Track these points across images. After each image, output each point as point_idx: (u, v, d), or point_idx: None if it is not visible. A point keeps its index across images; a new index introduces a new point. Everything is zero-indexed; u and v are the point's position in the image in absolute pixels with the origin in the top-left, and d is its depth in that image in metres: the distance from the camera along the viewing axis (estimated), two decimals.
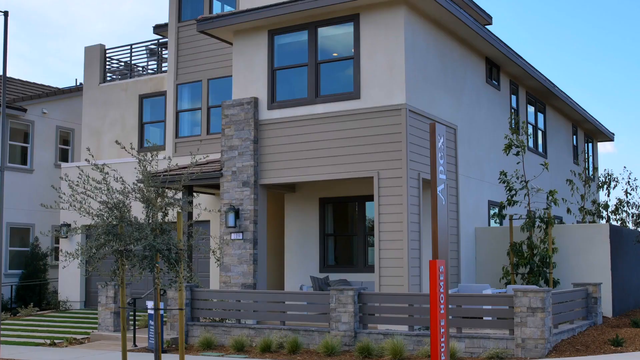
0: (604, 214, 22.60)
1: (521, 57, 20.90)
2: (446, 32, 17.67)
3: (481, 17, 26.15)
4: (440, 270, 9.19)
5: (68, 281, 23.16)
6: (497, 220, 19.77)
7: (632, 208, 22.79)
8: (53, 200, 15.23)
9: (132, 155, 12.36)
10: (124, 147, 12.53)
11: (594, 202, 22.56)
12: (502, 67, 21.05)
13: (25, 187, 26.18)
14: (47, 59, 70.73)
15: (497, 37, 19.15)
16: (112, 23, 71.78)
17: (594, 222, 21.83)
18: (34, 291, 24.65)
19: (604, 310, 16.94)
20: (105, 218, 12.13)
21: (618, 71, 65.82)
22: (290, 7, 16.47)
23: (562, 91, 24.77)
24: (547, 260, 17.04)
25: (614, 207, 22.63)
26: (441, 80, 17.39)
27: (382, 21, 15.88)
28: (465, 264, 18.01)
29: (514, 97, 22.20)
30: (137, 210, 12.31)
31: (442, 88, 17.39)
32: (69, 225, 22.36)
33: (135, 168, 12.05)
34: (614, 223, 22.22)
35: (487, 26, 25.35)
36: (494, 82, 20.59)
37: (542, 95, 24.26)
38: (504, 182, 17.98)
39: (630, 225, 22.77)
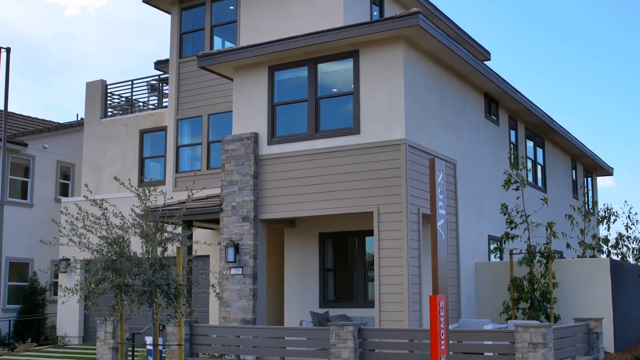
0: (604, 248, 22.55)
1: (520, 93, 21.04)
2: (445, 68, 17.81)
3: (479, 53, 26.43)
4: (441, 305, 9.16)
5: (67, 316, 23.04)
6: (497, 255, 19.73)
7: (632, 242, 22.74)
8: (52, 235, 15.24)
9: (131, 190, 12.41)
10: (123, 183, 12.59)
11: (594, 236, 22.53)
12: (501, 103, 21.18)
13: (25, 221, 26.17)
14: (49, 94, 71.18)
15: (495, 72, 19.30)
16: (114, 59, 72.37)
17: (594, 256, 21.77)
18: (32, 326, 24.51)
19: (606, 346, 16.83)
20: (104, 253, 12.14)
21: (617, 106, 66.19)
22: (290, 44, 16.63)
23: (561, 126, 24.89)
24: (548, 295, 16.97)
25: (614, 241, 22.59)
26: (440, 115, 17.49)
27: (382, 57, 16.02)
28: (465, 299, 17.94)
29: (513, 132, 22.30)
30: (137, 245, 12.31)
31: (441, 123, 17.48)
32: (68, 260, 22.31)
33: (134, 205, 12.08)
34: (615, 257, 22.16)
35: (485, 62, 25.61)
36: (493, 117, 20.70)
37: (541, 130, 24.37)
38: (505, 214, 17.99)
39: (631, 260, 22.70)
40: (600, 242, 22.21)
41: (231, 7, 21.85)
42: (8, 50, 16.85)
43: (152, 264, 11.82)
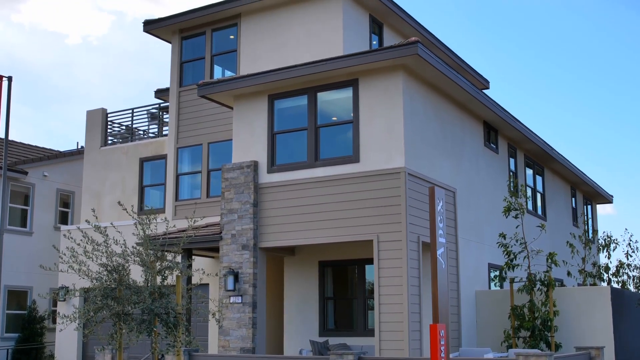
0: (605, 276, 22.47)
1: (519, 121, 21.12)
2: (444, 96, 17.90)
3: (478, 82, 26.56)
4: (441, 334, 9.14)
5: (65, 345, 22.90)
6: (498, 283, 19.67)
7: (633, 270, 22.67)
8: (52, 263, 15.22)
9: (133, 217, 12.42)
10: (125, 209, 12.60)
11: (594, 264, 22.47)
12: (500, 131, 21.26)
13: (24, 249, 26.13)
14: (50, 122, 71.43)
15: (494, 101, 19.39)
16: (115, 87, 72.71)
17: (594, 284, 21.71)
18: (30, 355, 24.37)
19: None
20: (104, 281, 12.12)
21: (616, 134, 66.40)
22: (289, 73, 16.73)
23: (560, 154, 24.96)
24: (549, 323, 16.90)
25: (615, 269, 22.52)
26: (440, 143, 17.54)
27: (381, 86, 16.11)
28: (466, 327, 17.86)
29: (512, 160, 22.35)
30: (137, 273, 12.29)
31: (440, 151, 17.53)
32: (67, 288, 22.25)
33: (133, 233, 12.08)
34: (615, 285, 22.08)
35: (484, 90, 25.73)
36: (492, 145, 20.76)
37: (541, 158, 24.43)
38: (502, 245, 17.97)
39: (632, 288, 22.63)
40: (601, 270, 22.15)
41: (231, 37, 22.02)
42: (10, 79, 16.94)
43: (151, 293, 11.79)
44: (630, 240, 22.90)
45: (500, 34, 68.52)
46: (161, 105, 24.93)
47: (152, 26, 22.96)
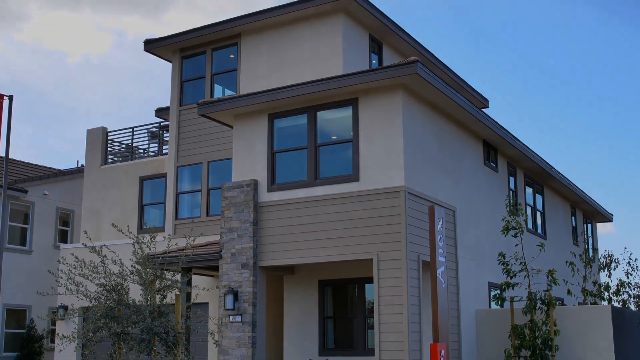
0: (606, 295, 22.41)
1: (518, 140, 21.15)
2: (444, 115, 17.94)
3: (478, 101, 26.66)
4: (442, 353, 9.11)
5: None
6: (498, 302, 19.58)
7: (633, 289, 22.62)
8: (51, 281, 15.17)
9: (130, 237, 12.42)
10: (121, 230, 12.59)
11: (594, 282, 22.43)
12: (499, 150, 21.28)
13: (23, 267, 26.08)
14: (50, 141, 71.51)
15: (493, 120, 19.43)
16: (115, 106, 72.89)
17: (595, 303, 21.65)
18: None
19: None
20: (103, 300, 12.10)
21: (615, 152, 66.47)
22: (289, 92, 16.79)
23: (559, 173, 24.97)
24: (549, 342, 16.83)
25: (615, 288, 22.46)
26: (439, 162, 17.56)
27: (381, 105, 16.15)
28: (466, 346, 17.79)
29: (512, 179, 22.36)
30: (136, 292, 12.27)
31: (440, 170, 17.54)
32: (66, 307, 22.17)
33: (133, 252, 12.08)
34: (616, 304, 22.02)
35: (483, 109, 25.81)
36: (491, 164, 20.78)
37: (540, 176, 24.44)
38: (503, 264, 17.93)
39: (632, 307, 22.57)
40: (602, 289, 22.10)
41: (231, 56, 22.12)
42: (10, 98, 16.99)
43: (150, 312, 11.77)
44: (630, 259, 22.88)
45: (499, 52, 68.80)
46: (161, 124, 24.99)
47: (152, 45, 23.06)
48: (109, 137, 25.64)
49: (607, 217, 32.98)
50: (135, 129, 25.34)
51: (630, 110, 64.92)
